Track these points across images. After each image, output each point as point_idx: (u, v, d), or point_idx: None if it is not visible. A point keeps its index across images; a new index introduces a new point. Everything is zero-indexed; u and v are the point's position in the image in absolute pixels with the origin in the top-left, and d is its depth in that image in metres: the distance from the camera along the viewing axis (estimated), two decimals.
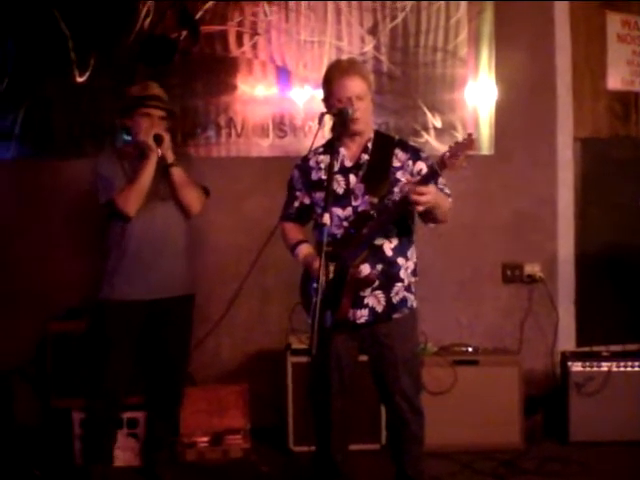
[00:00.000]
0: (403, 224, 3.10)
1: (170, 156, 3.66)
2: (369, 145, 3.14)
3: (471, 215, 4.49)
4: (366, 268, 3.04)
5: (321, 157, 3.19)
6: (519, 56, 4.53)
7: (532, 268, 4.60)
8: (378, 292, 3.08)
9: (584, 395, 4.17)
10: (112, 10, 4.39)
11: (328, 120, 3.13)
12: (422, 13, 4.55)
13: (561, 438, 4.21)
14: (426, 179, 2.92)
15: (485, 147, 4.60)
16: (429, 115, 4.57)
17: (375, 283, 3.05)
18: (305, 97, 4.52)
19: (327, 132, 3.39)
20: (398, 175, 3.09)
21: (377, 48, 4.54)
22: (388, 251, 3.08)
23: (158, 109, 3.70)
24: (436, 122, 4.58)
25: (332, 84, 3.07)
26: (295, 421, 4.08)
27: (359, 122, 3.07)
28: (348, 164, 3.13)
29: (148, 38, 4.42)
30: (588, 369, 4.21)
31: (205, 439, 4.11)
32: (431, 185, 2.91)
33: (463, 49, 4.58)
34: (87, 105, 4.41)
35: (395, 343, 3.10)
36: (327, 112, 3.07)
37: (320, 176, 3.16)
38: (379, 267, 3.06)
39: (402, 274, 3.11)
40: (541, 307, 4.60)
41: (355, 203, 3.09)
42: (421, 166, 3.09)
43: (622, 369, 4.20)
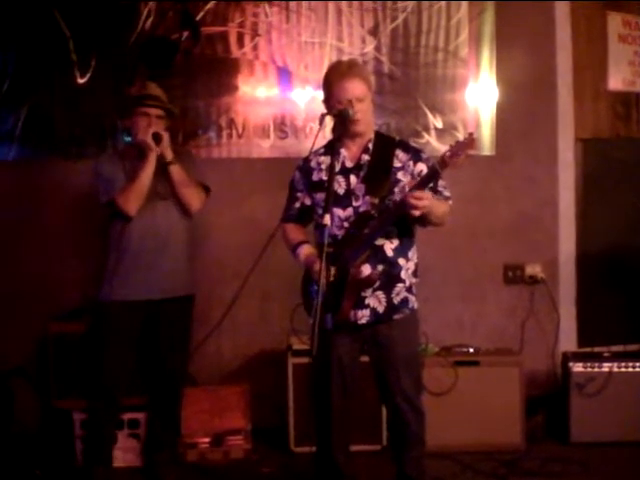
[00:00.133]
0: (404, 225, 3.09)
1: (169, 154, 3.67)
2: (370, 146, 3.14)
3: (472, 216, 4.49)
4: (367, 269, 3.04)
5: (322, 158, 3.19)
6: (520, 56, 4.52)
7: (533, 269, 4.60)
8: (379, 292, 3.07)
9: (585, 396, 4.16)
10: (113, 11, 4.39)
11: (329, 121, 3.13)
12: (423, 13, 4.55)
13: (562, 439, 4.20)
14: (427, 179, 2.93)
15: (486, 148, 4.60)
16: (430, 116, 4.57)
17: (376, 283, 3.06)
18: (306, 98, 4.52)
19: (328, 133, 3.39)
20: (399, 175, 3.09)
21: (378, 49, 4.54)
22: (389, 251, 3.08)
23: (156, 108, 3.71)
24: (437, 123, 4.57)
25: (332, 86, 3.07)
26: (296, 422, 4.08)
27: (360, 123, 3.07)
28: (349, 165, 3.13)
29: (149, 39, 4.42)
30: (589, 370, 4.21)
31: (206, 440, 4.11)
32: (426, 191, 2.92)
33: (464, 49, 4.57)
34: (88, 106, 4.41)
35: (396, 344, 3.10)
36: (328, 113, 3.08)
37: (321, 177, 3.16)
38: (380, 268, 3.05)
39: (403, 275, 3.11)
40: (542, 308, 4.60)
41: (356, 204, 3.09)
42: (422, 167, 3.09)
43: (623, 370, 4.19)
